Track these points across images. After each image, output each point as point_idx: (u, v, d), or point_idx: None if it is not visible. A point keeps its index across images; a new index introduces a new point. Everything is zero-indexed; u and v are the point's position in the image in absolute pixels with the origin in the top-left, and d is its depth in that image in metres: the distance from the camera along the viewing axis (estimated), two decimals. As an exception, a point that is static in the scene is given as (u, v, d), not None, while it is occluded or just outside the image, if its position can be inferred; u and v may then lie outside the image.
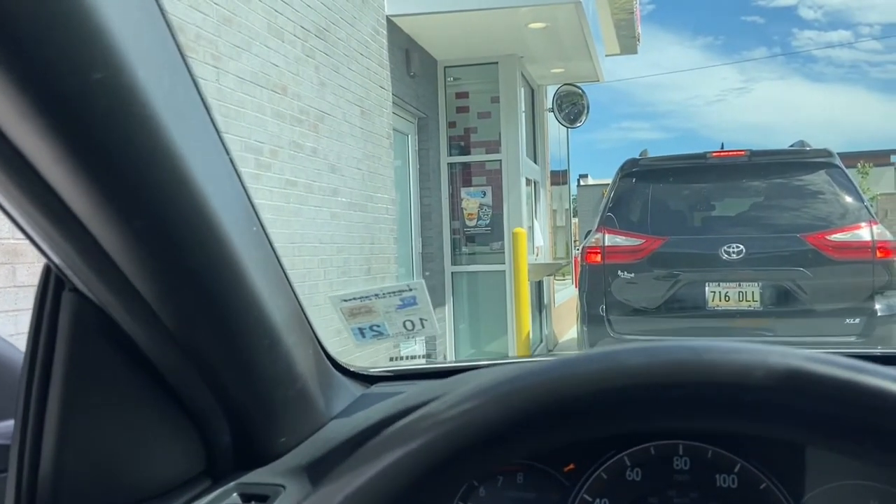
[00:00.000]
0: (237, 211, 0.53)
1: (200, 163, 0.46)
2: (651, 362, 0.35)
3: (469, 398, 0.37)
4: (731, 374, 0.34)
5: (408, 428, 0.41)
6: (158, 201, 0.43)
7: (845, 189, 5.16)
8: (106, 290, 0.49)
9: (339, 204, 5.08)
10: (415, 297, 0.76)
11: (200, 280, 0.50)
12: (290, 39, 4.46)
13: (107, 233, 0.44)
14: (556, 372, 0.36)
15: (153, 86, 0.39)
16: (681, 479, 0.61)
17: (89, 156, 0.39)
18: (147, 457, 0.60)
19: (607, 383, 0.35)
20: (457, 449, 0.37)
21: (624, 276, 5.39)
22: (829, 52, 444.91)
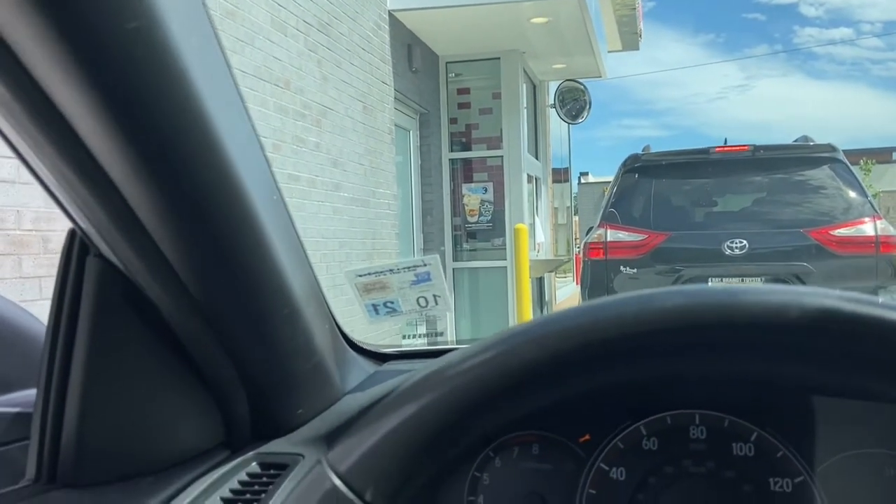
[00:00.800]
0: (260, 178, 0.53)
1: (227, 126, 0.46)
2: (687, 303, 0.35)
3: (476, 353, 0.38)
4: (766, 313, 0.34)
5: (415, 387, 0.42)
6: (189, 162, 0.44)
7: (849, 184, 5.15)
8: (133, 255, 0.49)
9: (341, 199, 5.08)
10: (429, 272, 0.76)
11: (226, 245, 0.50)
12: (292, 34, 4.46)
13: (138, 193, 0.44)
14: (592, 313, 0.36)
15: (184, 42, 0.40)
16: (697, 448, 0.62)
17: (124, 108, 0.39)
18: (167, 426, 0.60)
19: (643, 325, 0.35)
20: (468, 405, 0.37)
21: (626, 271, 5.38)
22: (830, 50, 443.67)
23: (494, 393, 0.37)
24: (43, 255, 2.59)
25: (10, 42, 0.36)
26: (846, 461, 0.59)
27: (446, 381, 0.39)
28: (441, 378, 0.39)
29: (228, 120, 0.46)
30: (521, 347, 0.37)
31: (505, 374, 0.37)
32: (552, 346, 0.36)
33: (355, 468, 0.40)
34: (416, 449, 0.39)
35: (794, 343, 0.35)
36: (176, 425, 0.61)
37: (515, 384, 0.37)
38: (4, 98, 0.38)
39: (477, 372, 0.38)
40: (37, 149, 0.42)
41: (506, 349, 0.37)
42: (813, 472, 0.59)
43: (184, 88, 0.41)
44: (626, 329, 0.35)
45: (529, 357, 0.37)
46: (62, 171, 0.43)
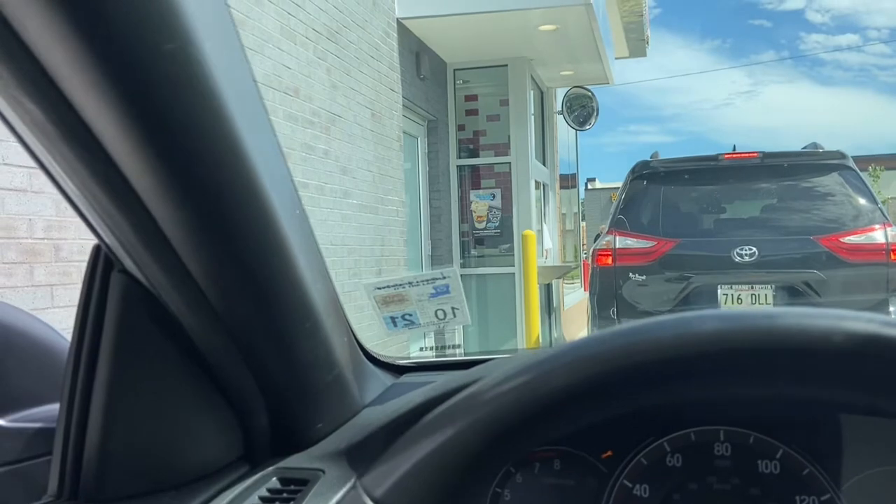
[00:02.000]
0: (284, 193, 0.53)
1: (254, 142, 0.46)
2: (724, 328, 0.35)
3: (509, 378, 0.37)
4: (809, 339, 0.34)
5: (461, 405, 0.41)
6: (217, 178, 0.44)
7: (859, 191, 5.13)
8: (157, 270, 0.49)
9: (350, 206, 5.09)
10: (448, 285, 0.76)
11: (251, 260, 0.50)
12: (302, 42, 4.48)
13: (165, 209, 0.44)
14: (627, 337, 0.36)
15: (216, 61, 0.40)
16: (722, 465, 0.61)
17: (156, 128, 0.39)
18: (189, 440, 0.60)
19: (681, 350, 0.35)
20: (498, 431, 0.37)
21: (635, 278, 5.37)
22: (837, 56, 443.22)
23: (530, 417, 0.37)
24: (55, 264, 2.60)
25: (47, 66, 0.36)
26: (872, 478, 0.59)
27: (481, 405, 0.38)
28: (476, 402, 0.39)
29: (256, 136, 0.46)
30: (555, 372, 0.37)
31: (540, 399, 0.37)
32: (587, 371, 0.36)
33: (391, 493, 0.40)
34: (451, 474, 0.39)
35: (837, 370, 0.34)
36: (197, 439, 0.61)
37: (550, 409, 0.37)
38: (39, 120, 0.38)
39: (512, 396, 0.37)
40: (68, 168, 0.42)
41: (540, 373, 0.37)
42: (839, 490, 0.59)
43: (215, 107, 0.41)
44: (662, 354, 0.35)
45: (564, 382, 0.36)
46: (91, 188, 0.43)
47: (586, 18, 6.25)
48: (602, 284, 5.54)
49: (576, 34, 6.71)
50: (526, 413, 0.37)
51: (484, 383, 0.41)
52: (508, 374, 0.39)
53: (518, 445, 0.39)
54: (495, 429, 0.38)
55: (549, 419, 0.37)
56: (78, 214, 0.49)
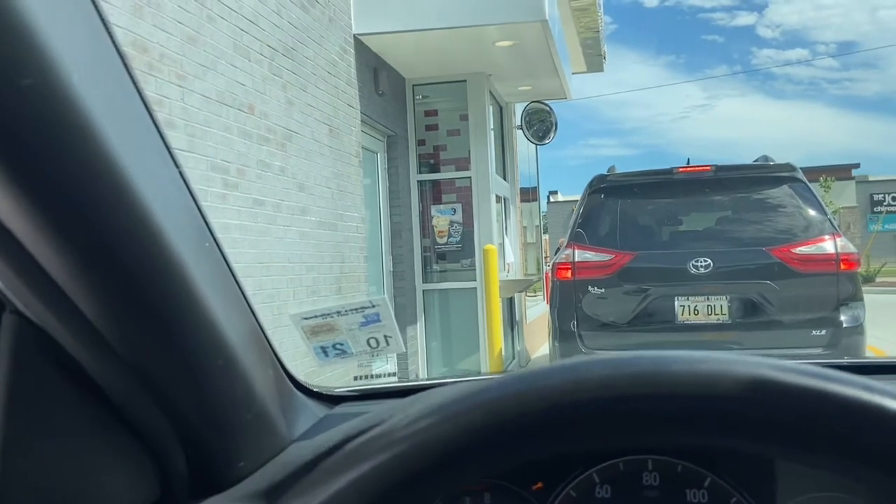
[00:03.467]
0: (186, 225, 0.50)
1: (145, 175, 0.43)
2: (613, 374, 0.33)
3: (423, 416, 0.36)
4: (696, 385, 0.33)
5: (361, 449, 0.40)
6: (99, 215, 0.41)
7: (809, 202, 5.25)
8: (48, 312, 0.46)
9: (309, 223, 5.04)
10: (378, 313, 0.74)
11: (147, 298, 0.48)
12: (256, 58, 4.43)
13: (45, 251, 0.41)
14: (513, 387, 0.34)
15: (90, 92, 0.37)
16: (651, 494, 0.60)
17: (20, 167, 0.37)
18: (97, 487, 0.57)
19: (568, 397, 0.33)
20: (412, 470, 0.35)
21: (594, 291, 5.41)
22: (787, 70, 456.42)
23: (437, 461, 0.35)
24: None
25: None
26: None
27: (395, 443, 0.37)
28: (390, 440, 0.37)
29: (146, 167, 0.44)
30: (449, 420, 0.35)
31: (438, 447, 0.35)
32: (471, 421, 0.34)
33: None
34: None
35: (726, 414, 0.33)
36: (107, 485, 0.58)
37: (448, 456, 0.35)
38: None
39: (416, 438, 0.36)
40: None
41: (435, 421, 0.36)
42: None
43: (89, 140, 0.38)
44: (546, 402, 0.33)
45: (451, 434, 0.35)
46: None
47: (542, 35, 6.32)
48: (562, 297, 5.58)
49: (533, 50, 6.78)
50: (425, 461, 0.35)
51: (389, 424, 0.39)
52: (408, 420, 0.37)
53: (423, 490, 0.37)
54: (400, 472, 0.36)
55: (443, 468, 0.36)
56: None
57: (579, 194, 6.04)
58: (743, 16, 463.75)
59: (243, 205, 4.15)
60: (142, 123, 0.45)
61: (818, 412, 0.32)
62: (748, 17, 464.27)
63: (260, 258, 4.30)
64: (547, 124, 8.73)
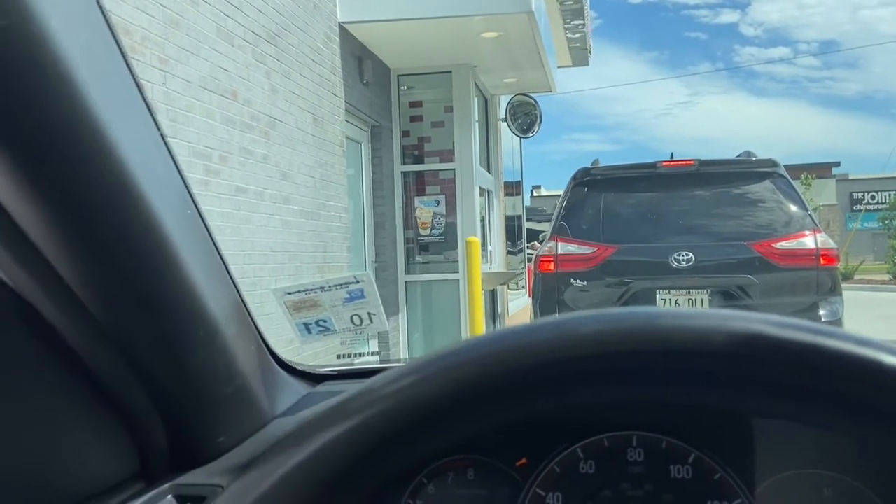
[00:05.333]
0: (169, 190, 0.49)
1: (126, 134, 0.42)
2: (603, 329, 0.33)
3: (409, 373, 0.35)
4: (689, 340, 0.32)
5: (342, 406, 0.39)
6: (78, 171, 0.40)
7: (790, 198, 5.30)
8: (26, 276, 0.45)
9: (291, 212, 5.00)
10: (362, 289, 0.73)
11: (128, 264, 0.47)
12: (240, 44, 4.39)
13: (23, 209, 0.40)
14: (503, 342, 0.34)
15: (68, 39, 0.36)
16: (635, 470, 0.60)
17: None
18: (74, 459, 0.56)
19: (558, 353, 0.33)
20: (396, 428, 0.34)
21: (576, 283, 5.43)
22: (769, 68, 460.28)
23: (408, 425, 0.35)
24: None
25: None
26: (784, 482, 0.58)
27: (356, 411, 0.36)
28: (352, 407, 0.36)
29: (126, 125, 0.42)
30: (429, 379, 0.34)
31: (417, 407, 0.34)
32: (462, 378, 0.34)
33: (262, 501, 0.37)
34: (328, 480, 0.36)
35: (719, 370, 0.33)
36: (84, 457, 0.57)
37: (427, 417, 0.35)
38: None
39: (387, 403, 0.35)
40: None
41: (417, 379, 0.35)
42: (751, 494, 0.58)
43: (67, 89, 0.37)
44: (537, 358, 0.33)
45: (437, 390, 0.34)
46: None
47: (528, 26, 6.31)
48: (544, 290, 5.59)
49: (518, 42, 6.77)
50: (401, 421, 0.35)
51: (363, 387, 0.38)
52: (385, 380, 0.36)
53: (399, 456, 0.37)
54: (373, 435, 0.36)
55: (428, 427, 0.35)
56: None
57: (563, 188, 6.05)
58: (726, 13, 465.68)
59: (226, 192, 4.12)
60: (120, 78, 0.43)
61: (812, 366, 0.32)
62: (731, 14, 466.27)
63: (242, 246, 4.26)
64: (532, 117, 8.73)
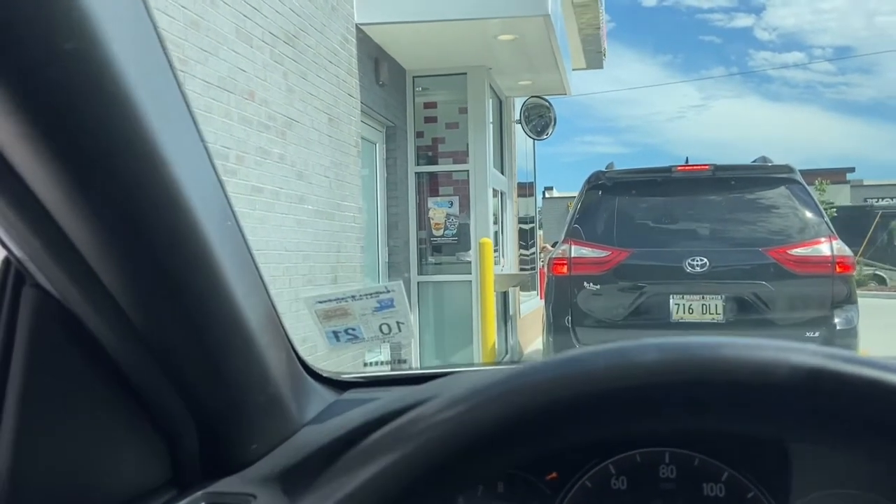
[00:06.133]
0: (212, 203, 0.50)
1: (175, 149, 0.43)
2: (664, 359, 0.33)
3: (467, 398, 0.35)
4: (751, 372, 0.32)
5: (400, 431, 0.39)
6: (130, 188, 0.40)
7: (806, 204, 5.26)
8: (71, 286, 0.46)
9: (306, 212, 5.02)
10: (392, 299, 0.73)
11: (172, 274, 0.47)
12: (258, 45, 4.41)
13: (74, 222, 0.41)
14: (562, 369, 0.34)
15: (128, 64, 0.37)
16: (667, 487, 0.60)
17: (57, 134, 0.36)
18: (110, 464, 0.56)
19: (618, 381, 0.33)
20: (454, 452, 0.35)
21: (589, 287, 5.42)
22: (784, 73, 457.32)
23: (465, 450, 0.35)
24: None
25: None
26: (816, 501, 0.58)
27: (418, 434, 0.36)
28: (413, 430, 0.37)
29: (177, 141, 0.43)
30: (486, 404, 0.35)
31: (473, 432, 0.34)
32: (517, 404, 0.34)
33: None
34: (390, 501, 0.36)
35: (780, 404, 0.33)
36: (120, 464, 0.57)
37: (484, 442, 0.35)
38: None
39: (448, 427, 0.35)
40: None
41: (473, 405, 0.35)
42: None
43: (126, 111, 0.38)
44: (597, 386, 0.33)
45: (494, 416, 0.34)
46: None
47: (544, 29, 6.30)
48: (557, 293, 5.58)
49: (534, 45, 6.76)
50: (461, 445, 0.35)
51: (422, 410, 0.38)
52: (444, 404, 0.37)
53: (458, 477, 0.37)
54: (434, 459, 0.36)
55: (483, 452, 0.35)
56: (-17, 224, 0.45)
57: (575, 191, 6.04)
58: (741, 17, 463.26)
59: (242, 191, 4.14)
60: (174, 99, 0.44)
61: (876, 401, 0.32)
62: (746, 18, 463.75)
63: (257, 245, 4.27)
64: (546, 119, 8.72)
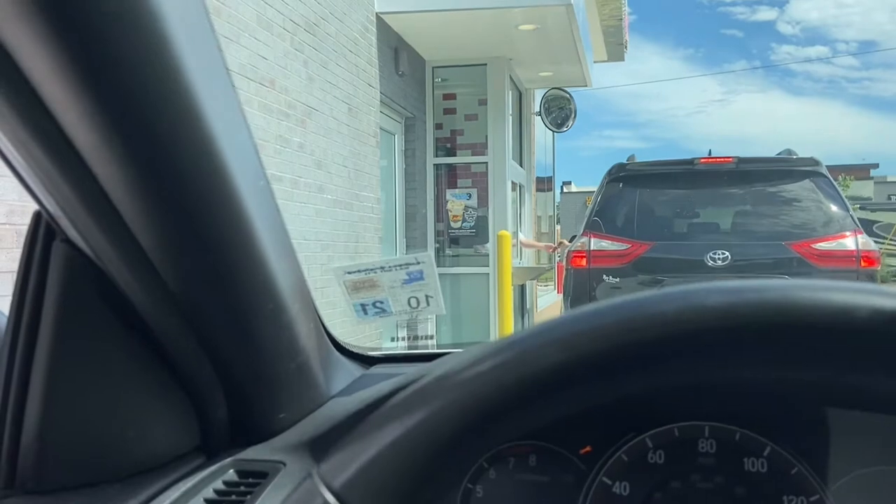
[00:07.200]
0: (247, 160, 0.49)
1: (212, 100, 0.42)
2: (735, 302, 0.31)
3: (518, 343, 0.33)
4: (830, 314, 0.30)
5: (427, 389, 0.38)
6: (168, 136, 0.39)
7: (831, 198, 5.19)
8: (104, 241, 0.45)
9: (325, 201, 5.02)
10: (422, 271, 0.72)
11: (208, 233, 0.46)
12: (279, 32, 4.41)
13: (111, 171, 0.39)
14: (625, 311, 0.32)
15: (169, 6, 0.35)
16: (706, 462, 0.58)
17: (95, 71, 0.35)
18: (138, 428, 0.56)
19: (686, 325, 0.31)
20: (504, 398, 0.33)
21: (609, 280, 5.38)
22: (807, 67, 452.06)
23: (512, 400, 0.33)
24: (17, 250, 2.52)
25: None
26: (863, 478, 0.56)
27: (457, 386, 0.35)
28: (451, 382, 0.35)
29: (213, 93, 0.42)
30: (543, 349, 0.33)
31: (525, 379, 0.33)
32: (580, 348, 0.32)
33: (351, 483, 0.36)
34: (419, 463, 0.35)
35: (858, 348, 0.31)
36: (147, 428, 0.56)
37: (537, 390, 0.33)
38: None
39: (493, 375, 0.34)
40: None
41: (526, 349, 0.33)
42: (828, 490, 0.56)
43: (164, 51, 0.36)
44: (664, 330, 0.31)
45: (553, 360, 0.33)
46: (26, 144, 0.39)
47: (566, 19, 6.25)
48: (576, 286, 5.54)
49: (556, 35, 6.71)
50: (508, 395, 0.33)
51: (460, 361, 0.37)
52: (488, 352, 0.35)
53: (498, 433, 0.35)
54: (472, 412, 0.34)
55: (534, 402, 0.34)
56: (15, 176, 0.44)
57: (592, 185, 6.01)
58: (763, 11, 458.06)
59: (261, 179, 4.14)
60: (209, 46, 0.43)
61: None
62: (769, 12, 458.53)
63: (276, 234, 4.28)
64: (566, 111, 8.66)
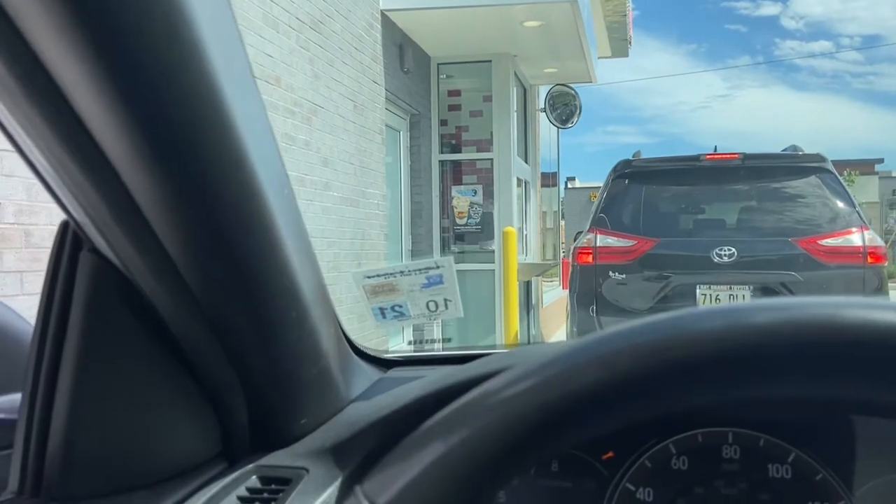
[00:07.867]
0: (272, 169, 0.49)
1: (241, 109, 0.42)
2: (781, 319, 0.31)
3: (558, 361, 0.33)
4: (879, 333, 0.30)
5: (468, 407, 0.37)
6: (200, 146, 0.39)
7: (837, 194, 5.17)
8: (131, 249, 0.45)
9: (331, 198, 5.02)
10: (441, 275, 0.72)
11: (234, 241, 0.46)
12: (284, 30, 4.41)
13: (141, 180, 0.39)
14: (669, 328, 0.32)
15: (200, 14, 0.35)
16: (730, 468, 0.58)
17: (130, 84, 0.35)
18: (162, 435, 0.56)
19: (733, 343, 0.31)
20: (546, 417, 0.33)
21: (615, 276, 5.37)
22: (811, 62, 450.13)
23: (554, 419, 0.33)
24: (25, 250, 2.52)
25: (9, 9, 0.31)
26: (887, 484, 0.56)
27: (499, 404, 0.35)
28: (491, 402, 0.35)
29: (242, 102, 0.42)
30: (586, 367, 0.33)
31: (567, 398, 0.33)
32: (622, 366, 0.32)
33: (395, 502, 0.36)
34: (461, 481, 0.35)
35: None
36: (171, 435, 0.57)
37: (578, 409, 0.33)
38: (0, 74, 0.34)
39: (534, 395, 0.34)
40: (30, 128, 0.37)
41: (568, 368, 0.33)
42: (852, 496, 0.56)
43: (197, 62, 0.36)
44: (711, 348, 0.31)
45: (594, 378, 0.32)
46: (57, 154, 0.39)
47: (571, 15, 6.24)
48: (582, 282, 5.54)
49: (560, 31, 6.69)
50: (550, 414, 0.33)
51: (498, 381, 0.37)
52: (528, 371, 0.35)
53: (538, 450, 0.35)
54: (515, 431, 0.34)
55: (575, 421, 0.33)
56: (44, 186, 0.44)
57: (597, 181, 5.99)
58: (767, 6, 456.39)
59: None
60: (239, 57, 0.43)
61: None
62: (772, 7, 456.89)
63: (282, 231, 4.29)
64: (571, 108, 8.65)
